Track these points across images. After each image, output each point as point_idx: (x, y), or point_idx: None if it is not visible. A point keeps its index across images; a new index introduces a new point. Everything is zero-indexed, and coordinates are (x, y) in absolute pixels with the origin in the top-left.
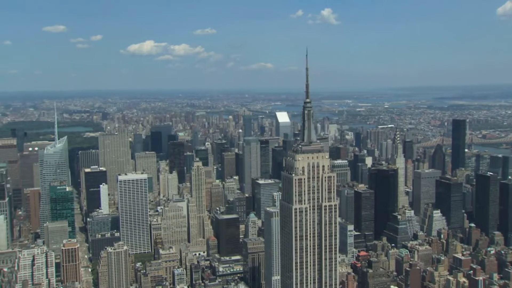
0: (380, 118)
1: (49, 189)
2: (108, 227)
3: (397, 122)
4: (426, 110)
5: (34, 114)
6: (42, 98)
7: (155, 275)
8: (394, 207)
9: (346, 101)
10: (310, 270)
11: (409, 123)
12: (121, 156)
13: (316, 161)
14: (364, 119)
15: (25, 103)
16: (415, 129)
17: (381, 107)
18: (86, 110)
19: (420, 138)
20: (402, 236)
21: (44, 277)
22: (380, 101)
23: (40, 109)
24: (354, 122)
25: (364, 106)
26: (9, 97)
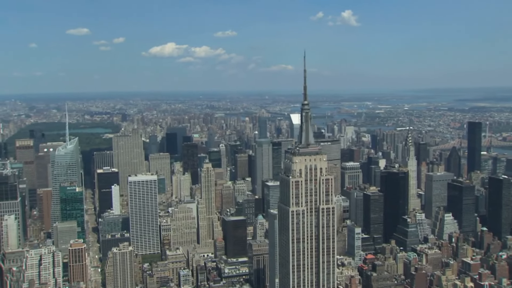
0: (399, 120)
1: (59, 189)
2: (119, 227)
3: (416, 124)
4: (446, 112)
5: (57, 115)
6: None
7: (161, 276)
8: (405, 210)
9: (366, 103)
10: (308, 273)
11: (428, 125)
12: (134, 157)
13: (313, 163)
14: (383, 121)
15: (48, 105)
16: (433, 131)
17: (401, 109)
18: (107, 112)
19: (438, 141)
20: (411, 240)
21: (51, 276)
22: (400, 103)
23: (63, 111)
24: (373, 124)
25: (384, 108)
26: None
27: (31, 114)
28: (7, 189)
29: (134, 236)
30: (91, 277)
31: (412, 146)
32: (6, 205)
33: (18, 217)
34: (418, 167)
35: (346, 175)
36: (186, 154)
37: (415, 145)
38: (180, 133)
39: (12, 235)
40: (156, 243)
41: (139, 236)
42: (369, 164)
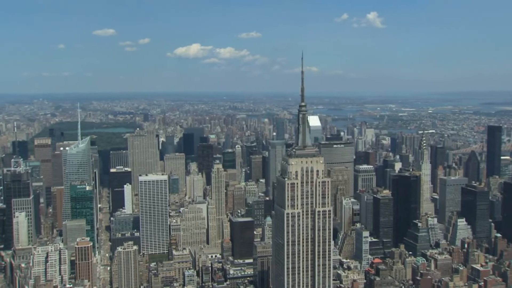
0: (422, 123)
1: (70, 188)
2: (129, 226)
3: (439, 127)
4: (471, 116)
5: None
6: (91, 100)
7: (166, 276)
8: (416, 214)
9: (389, 106)
10: (303, 276)
11: (451, 128)
12: (149, 157)
13: (310, 166)
14: (405, 124)
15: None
16: (456, 135)
17: (425, 112)
18: (130, 112)
19: (459, 144)
20: (422, 244)
21: (57, 273)
22: (425, 106)
23: (88, 110)
24: (395, 127)
25: (407, 111)
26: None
27: (57, 113)
28: (20, 186)
29: (144, 235)
30: (100, 275)
31: (426, 150)
32: (19, 202)
33: (30, 214)
34: (434, 171)
35: (359, 178)
36: (201, 155)
37: (432, 149)
38: (197, 134)
39: (22, 232)
40: (166, 242)
41: (148, 235)
42: (384, 167)
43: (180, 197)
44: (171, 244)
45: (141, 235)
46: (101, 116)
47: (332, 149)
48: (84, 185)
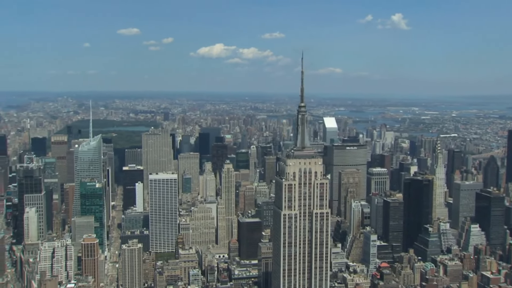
0: (444, 127)
1: (79, 185)
2: (140, 224)
3: (462, 131)
4: (496, 120)
5: (104, 113)
6: (114, 98)
7: (171, 275)
8: (428, 218)
9: (412, 109)
10: (299, 278)
11: (474, 132)
12: (163, 155)
13: (308, 167)
14: (427, 127)
15: (97, 102)
16: (479, 139)
17: (448, 116)
18: (151, 111)
19: (481, 149)
20: (432, 249)
21: (63, 269)
22: (449, 109)
23: (110, 109)
24: (416, 130)
25: (430, 114)
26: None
27: (79, 111)
28: (32, 182)
29: (153, 233)
30: (108, 272)
31: (440, 153)
32: (31, 198)
33: (42, 210)
34: (451, 175)
35: (372, 180)
36: (215, 155)
37: (449, 153)
38: (213, 134)
39: (32, 227)
40: (174, 241)
41: (157, 234)
42: (400, 170)
43: (193, 197)
44: (177, 243)
45: (150, 233)
46: (122, 115)
47: (345, 151)
48: (93, 182)
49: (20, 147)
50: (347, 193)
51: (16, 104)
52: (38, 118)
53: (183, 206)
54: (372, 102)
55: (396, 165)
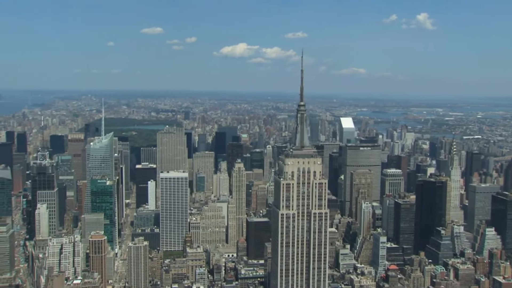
0: (468, 128)
1: (90, 182)
2: (151, 222)
3: (486, 133)
4: None
5: (125, 111)
6: (137, 97)
7: (178, 273)
8: (441, 221)
9: (436, 110)
10: (297, 279)
11: (500, 134)
12: (177, 154)
13: (307, 166)
14: (450, 128)
15: (120, 101)
16: (504, 141)
17: (473, 117)
18: (172, 110)
19: (505, 151)
20: (444, 253)
21: (70, 265)
22: (474, 111)
23: (132, 107)
24: (438, 132)
25: (455, 115)
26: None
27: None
28: (45, 179)
29: (164, 231)
30: (118, 269)
31: (456, 155)
32: (44, 194)
33: (54, 206)
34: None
35: (386, 182)
36: (230, 154)
37: (468, 155)
38: (230, 133)
39: (43, 223)
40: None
41: (168, 232)
42: (417, 172)
43: (206, 196)
44: (185, 242)
45: (160, 231)
46: (143, 113)
47: (359, 152)
48: (104, 179)
49: (41, 144)
50: (358, 194)
51: (41, 102)
52: (61, 116)
53: (195, 205)
54: (395, 102)
55: (414, 166)
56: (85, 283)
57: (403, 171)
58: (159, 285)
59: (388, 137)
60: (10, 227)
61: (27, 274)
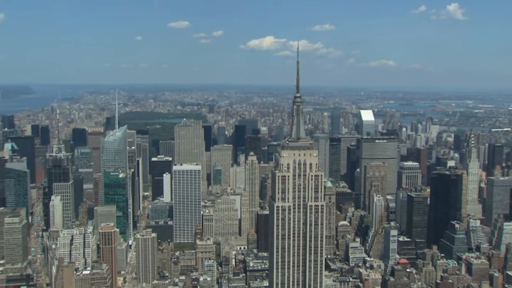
0: (498, 120)
1: (103, 174)
2: (166, 214)
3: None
4: None
5: (152, 105)
6: (164, 91)
7: (186, 265)
8: (457, 214)
9: (466, 102)
10: (294, 271)
11: None
12: (195, 147)
13: (303, 158)
14: (479, 121)
15: (147, 95)
16: None
17: (504, 109)
18: (198, 103)
19: None
20: (458, 247)
21: (81, 256)
22: (506, 103)
23: (158, 101)
24: (466, 124)
25: (484, 107)
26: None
27: (129, 103)
28: (60, 171)
29: (177, 224)
30: (131, 260)
31: (474, 148)
32: (59, 186)
33: (69, 198)
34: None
35: (403, 175)
36: (249, 147)
37: (490, 147)
38: (250, 126)
39: (57, 214)
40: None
41: (181, 224)
42: (437, 165)
43: (223, 188)
44: (196, 234)
45: (174, 223)
46: (169, 107)
47: (374, 145)
48: (117, 172)
49: (65, 138)
50: (371, 187)
51: (70, 96)
52: (88, 110)
53: (211, 198)
54: (424, 95)
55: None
56: (94, 273)
57: (422, 164)
58: (168, 277)
59: (413, 130)
60: (23, 218)
61: (43, 264)
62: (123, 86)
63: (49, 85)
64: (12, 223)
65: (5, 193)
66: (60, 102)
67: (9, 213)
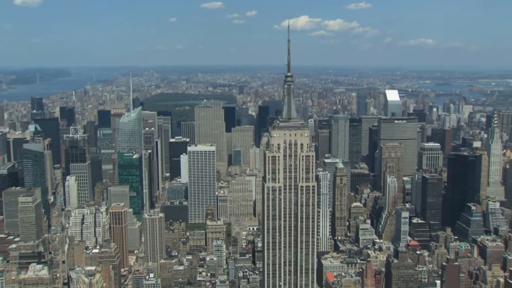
0: None
1: (117, 155)
2: (182, 195)
3: None
4: None
5: (183, 86)
6: (197, 72)
7: (195, 245)
8: (475, 196)
9: (507, 81)
10: (285, 252)
11: None
12: (215, 128)
13: (293, 139)
14: None
15: (180, 76)
16: None
17: None
18: (230, 84)
19: None
20: (474, 229)
21: (92, 235)
22: None
23: (191, 82)
24: (504, 104)
25: None
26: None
27: (161, 85)
28: (77, 152)
29: (192, 204)
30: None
31: (497, 128)
32: (76, 167)
33: (85, 178)
34: None
35: (424, 156)
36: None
37: None
38: (273, 106)
39: (73, 194)
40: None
41: (196, 204)
42: (462, 146)
43: (242, 169)
44: (207, 214)
45: (189, 204)
46: (200, 88)
47: (393, 125)
48: (131, 152)
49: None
50: (385, 168)
51: (104, 78)
52: (119, 92)
53: (228, 179)
54: (462, 74)
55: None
56: (102, 252)
57: (447, 145)
58: (175, 256)
59: (445, 110)
60: (38, 197)
61: (61, 242)
62: (158, 68)
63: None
64: (25, 202)
65: (24, 173)
66: (94, 84)
67: (24, 192)
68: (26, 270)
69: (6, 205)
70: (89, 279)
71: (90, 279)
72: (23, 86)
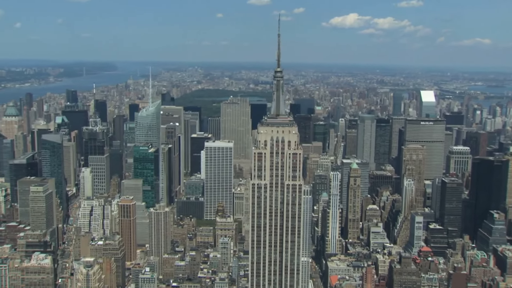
0: None
1: (133, 149)
2: (199, 191)
3: None
4: None
5: (225, 83)
6: (241, 69)
7: (203, 241)
8: (500, 204)
9: None
10: (270, 251)
11: None
12: (241, 125)
13: (281, 136)
14: None
15: (223, 73)
16: None
17: None
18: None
19: None
20: (496, 238)
21: (99, 227)
22: None
23: (233, 79)
24: None
25: None
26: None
27: (203, 80)
28: (96, 144)
29: (208, 200)
30: None
31: None
32: (94, 159)
33: (103, 171)
34: None
35: (452, 159)
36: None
37: None
38: (305, 105)
39: (87, 186)
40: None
41: (212, 201)
42: (498, 150)
43: None
44: (217, 211)
45: (205, 200)
46: (242, 85)
47: (420, 127)
48: (146, 146)
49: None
50: (405, 171)
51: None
52: (160, 87)
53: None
54: None
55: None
56: (106, 244)
57: (481, 149)
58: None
59: (490, 113)
60: (50, 188)
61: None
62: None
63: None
64: (36, 192)
65: (42, 163)
66: (137, 79)
67: (37, 182)
68: (30, 259)
69: (21, 194)
70: (86, 270)
71: (87, 270)
72: (69, 79)
